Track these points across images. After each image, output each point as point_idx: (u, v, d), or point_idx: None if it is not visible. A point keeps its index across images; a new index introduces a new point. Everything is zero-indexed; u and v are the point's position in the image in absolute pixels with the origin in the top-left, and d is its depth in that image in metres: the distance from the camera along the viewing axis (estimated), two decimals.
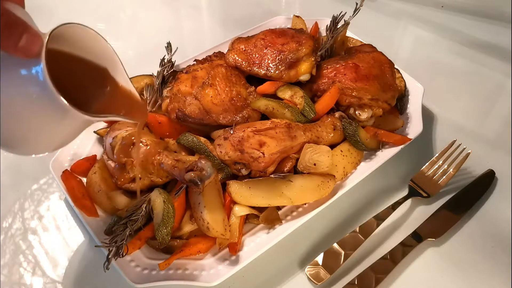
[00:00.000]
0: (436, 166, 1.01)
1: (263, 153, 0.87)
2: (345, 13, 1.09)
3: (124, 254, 0.79)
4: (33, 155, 0.65)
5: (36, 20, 0.58)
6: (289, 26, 1.25)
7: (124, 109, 0.67)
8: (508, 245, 0.92)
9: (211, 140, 0.95)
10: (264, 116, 1.00)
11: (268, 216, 0.88)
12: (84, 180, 0.94)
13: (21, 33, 0.52)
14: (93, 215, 0.89)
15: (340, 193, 0.91)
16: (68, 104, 0.53)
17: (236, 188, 0.87)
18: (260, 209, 0.89)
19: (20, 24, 0.53)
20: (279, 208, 0.91)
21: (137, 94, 0.68)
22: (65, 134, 0.63)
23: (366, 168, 0.95)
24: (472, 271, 0.88)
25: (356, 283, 0.84)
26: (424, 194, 0.98)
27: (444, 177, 0.99)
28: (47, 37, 0.53)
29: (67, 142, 0.66)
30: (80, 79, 0.65)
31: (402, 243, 0.89)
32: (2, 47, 0.52)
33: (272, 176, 0.89)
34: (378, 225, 0.90)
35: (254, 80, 1.04)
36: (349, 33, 1.22)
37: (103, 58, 0.65)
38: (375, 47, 1.12)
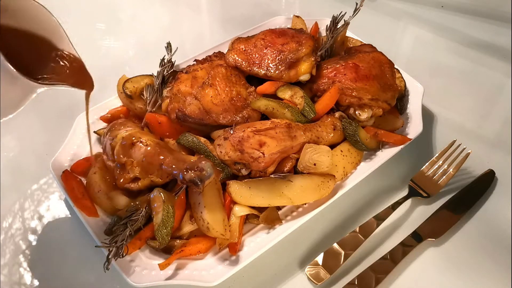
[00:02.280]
0: (436, 166, 1.01)
1: (263, 153, 0.87)
2: (345, 13, 1.09)
3: (124, 255, 0.79)
4: None
5: None
6: (289, 26, 1.25)
7: (70, 77, 0.72)
8: (508, 245, 0.92)
9: (211, 140, 0.95)
10: (264, 116, 1.00)
11: (268, 216, 0.88)
12: (84, 180, 0.94)
13: None
14: (93, 215, 0.89)
15: (340, 193, 0.91)
16: (15, 70, 0.58)
17: (236, 188, 0.87)
18: (260, 209, 0.89)
19: None
20: (279, 208, 0.91)
21: (82, 62, 0.74)
22: (15, 101, 0.67)
23: (366, 168, 0.95)
24: (472, 271, 0.89)
25: (356, 283, 0.84)
26: (424, 194, 0.98)
27: (444, 177, 0.99)
28: None
29: (16, 109, 0.70)
30: (30, 51, 0.69)
31: (402, 243, 0.89)
32: None
33: (272, 176, 0.89)
34: (378, 225, 0.90)
35: (254, 80, 1.04)
36: (349, 33, 1.22)
37: (47, 30, 0.69)
38: (375, 47, 1.12)
